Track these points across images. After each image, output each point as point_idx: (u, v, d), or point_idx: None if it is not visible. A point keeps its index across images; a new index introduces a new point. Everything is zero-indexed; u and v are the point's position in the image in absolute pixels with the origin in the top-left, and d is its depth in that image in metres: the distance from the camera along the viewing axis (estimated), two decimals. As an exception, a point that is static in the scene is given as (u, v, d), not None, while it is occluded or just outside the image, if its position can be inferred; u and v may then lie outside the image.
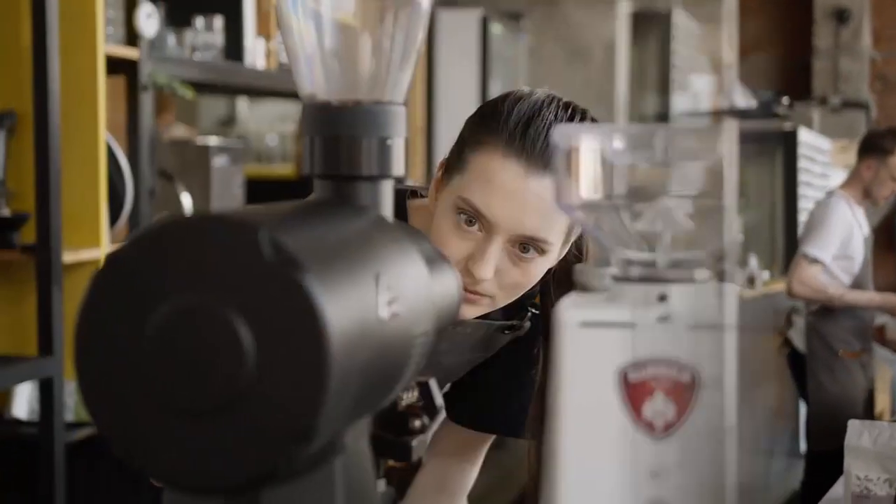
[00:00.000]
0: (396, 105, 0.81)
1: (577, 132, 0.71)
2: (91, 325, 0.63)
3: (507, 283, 1.26)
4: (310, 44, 0.81)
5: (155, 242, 0.62)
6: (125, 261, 0.63)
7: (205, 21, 2.99)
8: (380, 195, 0.81)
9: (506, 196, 1.21)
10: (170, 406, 0.61)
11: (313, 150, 0.80)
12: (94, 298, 0.63)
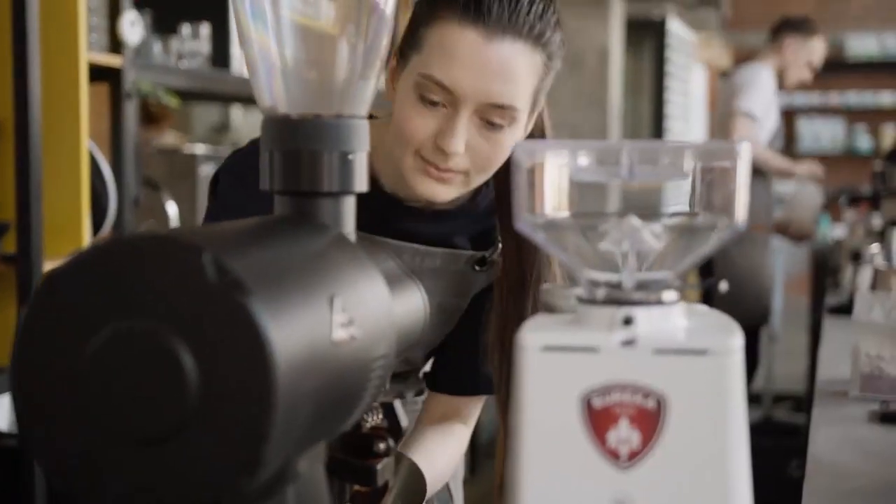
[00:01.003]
0: (359, 118, 0.79)
1: (540, 149, 0.69)
2: (29, 347, 0.60)
3: (479, 158, 1.23)
4: (269, 55, 0.78)
5: (97, 262, 0.60)
6: (66, 280, 0.60)
7: (191, 28, 2.97)
8: (342, 211, 0.78)
9: (467, 65, 1.19)
10: (110, 434, 0.59)
11: (273, 165, 0.77)
12: (33, 318, 0.60)
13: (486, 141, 1.23)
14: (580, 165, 0.68)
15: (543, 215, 0.69)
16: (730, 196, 0.67)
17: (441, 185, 1.24)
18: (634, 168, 0.67)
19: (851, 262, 3.15)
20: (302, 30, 0.79)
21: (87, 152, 2.47)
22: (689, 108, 8.18)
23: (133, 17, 2.62)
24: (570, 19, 5.42)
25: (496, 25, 1.18)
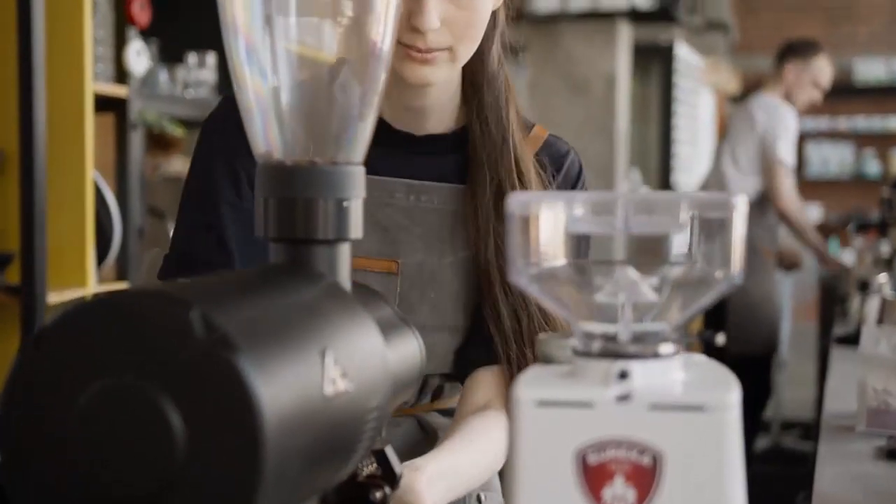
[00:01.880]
0: (354, 164, 0.79)
1: (535, 200, 0.68)
2: (17, 402, 0.60)
3: (457, 27, 1.19)
4: (264, 100, 0.78)
5: (85, 318, 0.59)
6: (54, 336, 0.59)
7: (197, 57, 2.97)
8: (337, 259, 0.77)
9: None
10: (97, 491, 0.58)
11: (267, 212, 0.77)
12: (21, 374, 0.60)
13: (459, 8, 1.19)
14: (575, 216, 0.67)
15: (538, 266, 0.68)
16: (726, 248, 0.66)
17: (428, 66, 1.20)
18: (630, 219, 0.67)
19: (859, 291, 3.13)
20: (297, 75, 0.78)
21: (92, 183, 2.47)
22: (696, 133, 8.17)
23: (139, 48, 2.62)
24: (577, 46, 5.43)
25: None
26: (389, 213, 1.27)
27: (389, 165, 1.28)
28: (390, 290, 1.25)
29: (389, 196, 1.27)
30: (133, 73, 2.62)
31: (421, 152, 1.30)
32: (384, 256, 1.27)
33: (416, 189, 1.28)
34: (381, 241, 1.27)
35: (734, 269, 0.67)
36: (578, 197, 0.68)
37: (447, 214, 1.29)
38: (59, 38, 2.44)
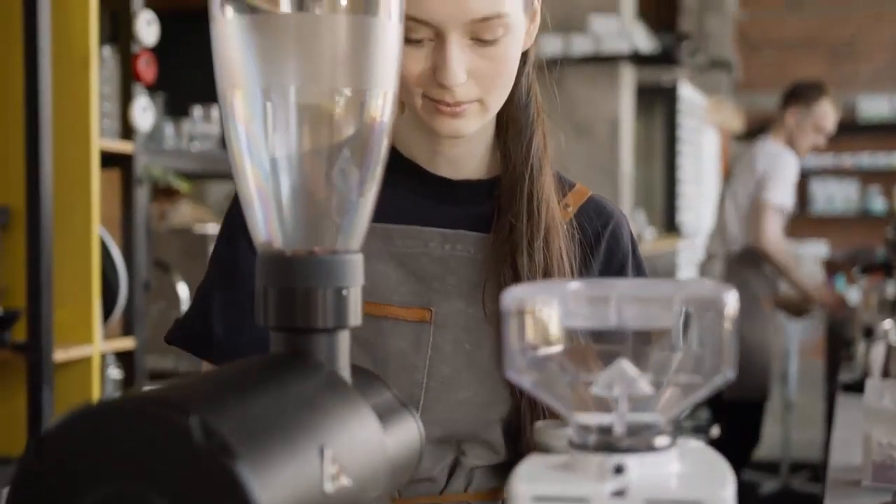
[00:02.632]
0: (353, 253, 0.79)
1: (529, 295, 0.69)
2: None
3: (485, 79, 1.15)
4: (264, 190, 0.79)
5: (86, 424, 0.60)
6: (54, 442, 0.60)
7: (203, 110, 3.00)
8: (336, 347, 0.78)
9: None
10: None
11: (267, 301, 0.78)
12: (22, 480, 0.60)
13: (485, 59, 1.15)
14: (569, 311, 0.68)
15: (532, 360, 0.69)
16: (719, 343, 0.67)
17: (458, 119, 1.17)
18: (623, 313, 0.68)
19: (864, 337, 3.13)
20: (297, 165, 0.79)
21: (98, 239, 2.49)
22: (701, 172, 8.20)
23: (145, 104, 2.65)
24: (580, 89, 5.46)
25: None
26: (424, 263, 1.24)
27: (424, 213, 1.25)
28: (423, 340, 1.21)
29: (424, 245, 1.24)
30: (139, 129, 2.64)
31: (457, 199, 1.27)
32: (417, 305, 1.22)
33: (451, 238, 1.24)
34: (414, 291, 1.23)
35: (726, 363, 0.67)
36: (572, 292, 0.69)
37: (483, 263, 1.24)
38: (66, 94, 2.47)
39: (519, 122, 1.25)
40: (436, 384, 1.20)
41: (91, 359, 2.49)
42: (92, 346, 2.48)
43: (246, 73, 0.77)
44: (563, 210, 1.26)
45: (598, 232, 1.28)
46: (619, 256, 1.29)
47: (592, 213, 1.29)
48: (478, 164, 1.28)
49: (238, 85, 0.78)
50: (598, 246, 1.28)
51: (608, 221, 1.29)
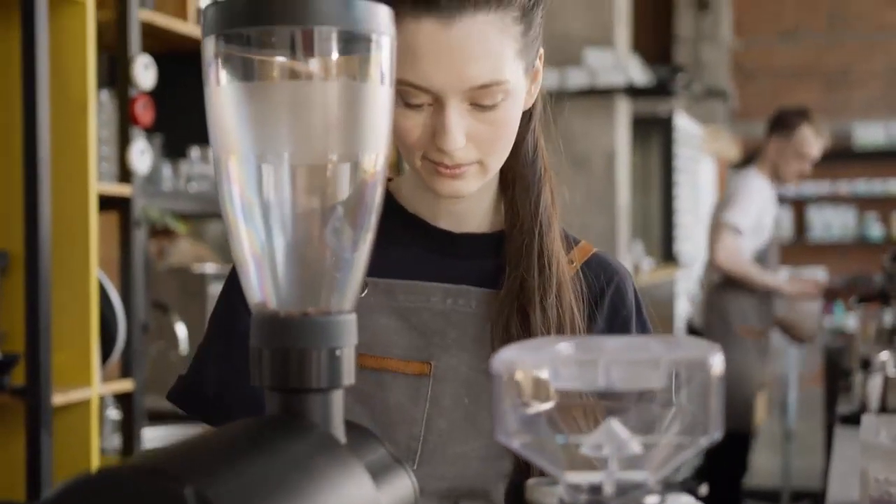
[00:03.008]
0: (346, 314, 0.81)
1: (519, 360, 0.70)
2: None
3: (484, 143, 1.16)
4: (258, 253, 0.80)
5: (83, 495, 0.61)
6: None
7: (200, 151, 3.02)
8: (330, 407, 0.79)
9: (432, 58, 1.11)
10: None
11: (262, 362, 0.79)
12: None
13: (485, 124, 1.16)
14: (558, 375, 0.69)
15: (522, 422, 0.70)
16: (706, 404, 0.68)
17: (458, 180, 1.18)
18: (611, 375, 0.69)
19: (861, 369, 3.14)
20: (291, 227, 0.81)
21: (97, 282, 2.50)
22: (698, 201, 8.22)
23: (142, 147, 2.67)
24: (576, 122, 5.49)
25: (449, 6, 1.12)
26: (425, 318, 1.24)
27: (428, 267, 1.26)
28: (422, 394, 1.22)
29: (426, 300, 1.24)
30: (137, 172, 2.66)
31: (460, 253, 1.27)
32: (417, 359, 1.23)
33: (454, 293, 1.24)
34: (415, 345, 1.23)
35: (713, 423, 0.68)
36: (562, 358, 0.70)
37: (485, 318, 1.24)
38: (65, 138, 2.49)
39: (526, 179, 1.26)
40: (433, 437, 1.21)
41: (90, 402, 2.50)
42: (90, 389, 2.49)
43: (240, 139, 0.79)
44: (567, 265, 1.26)
45: (602, 288, 1.28)
46: (623, 314, 1.29)
47: (597, 269, 1.29)
48: (481, 218, 1.28)
49: (232, 150, 0.79)
50: (602, 302, 1.28)
51: (612, 277, 1.29)
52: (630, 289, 1.31)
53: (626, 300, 1.30)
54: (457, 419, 1.22)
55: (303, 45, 0.78)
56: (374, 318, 1.23)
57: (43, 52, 2.38)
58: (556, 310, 1.22)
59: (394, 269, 1.24)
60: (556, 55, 5.39)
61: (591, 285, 1.28)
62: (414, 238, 1.27)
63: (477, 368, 1.23)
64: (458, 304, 1.24)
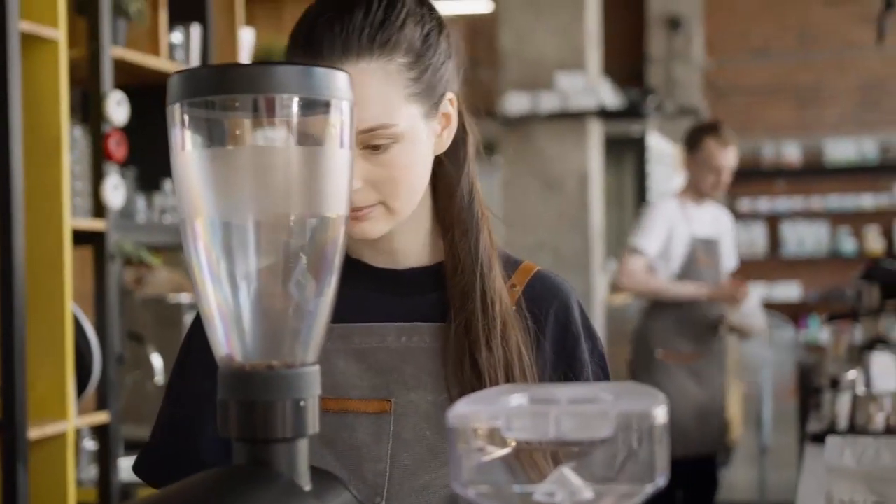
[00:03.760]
0: (309, 366, 0.84)
1: (472, 410, 0.73)
2: None
3: (382, 184, 1.18)
4: (223, 309, 0.84)
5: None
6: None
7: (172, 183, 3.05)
8: (295, 455, 0.82)
9: None
10: None
11: (229, 414, 0.82)
12: None
13: (380, 167, 1.18)
14: (511, 425, 0.73)
15: (477, 471, 0.73)
16: (651, 453, 0.72)
17: (364, 222, 1.21)
18: (562, 426, 0.72)
19: (830, 387, 3.18)
20: (256, 285, 0.84)
21: (72, 316, 2.52)
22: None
23: (116, 182, 2.70)
24: (549, 144, 5.55)
25: (332, 56, 1.15)
26: (381, 357, 1.26)
27: (378, 307, 1.28)
28: (384, 431, 1.24)
29: (381, 340, 1.27)
30: (111, 207, 2.69)
31: (406, 290, 1.30)
32: (377, 398, 1.25)
33: (407, 331, 1.27)
34: (373, 384, 1.26)
35: (658, 471, 0.72)
36: (513, 407, 0.73)
37: (440, 352, 1.26)
38: (38, 174, 2.51)
39: (464, 223, 1.28)
40: (398, 472, 1.24)
41: (66, 434, 2.52)
42: (66, 423, 2.51)
43: (205, 201, 0.82)
44: (510, 290, 1.29)
45: (546, 307, 1.30)
46: (572, 331, 1.31)
47: (541, 290, 1.31)
48: (418, 254, 1.31)
49: (198, 213, 0.82)
50: (547, 321, 1.30)
51: (556, 295, 1.31)
52: (575, 305, 1.32)
53: (573, 317, 1.31)
54: (420, 452, 1.25)
55: (265, 111, 0.81)
56: (332, 362, 1.26)
57: (16, 89, 2.40)
58: (501, 349, 1.24)
59: (346, 314, 1.27)
60: (527, 79, 5.45)
61: (535, 306, 1.29)
62: (359, 280, 1.30)
63: (435, 402, 1.25)
64: (413, 340, 1.27)
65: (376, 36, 1.15)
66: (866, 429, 2.78)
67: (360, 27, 1.15)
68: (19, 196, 2.41)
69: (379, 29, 1.16)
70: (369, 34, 1.15)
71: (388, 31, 1.16)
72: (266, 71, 0.81)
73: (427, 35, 1.20)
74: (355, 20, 1.15)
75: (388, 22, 1.16)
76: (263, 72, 0.81)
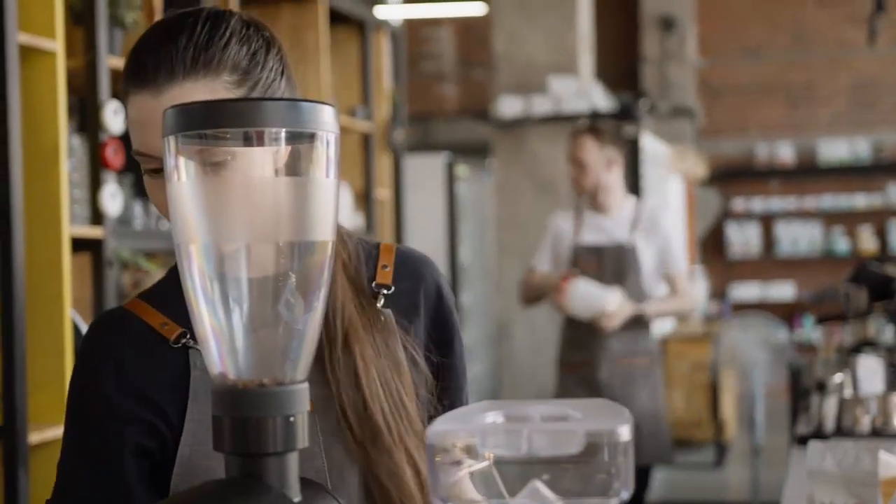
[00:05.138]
0: (299, 383, 0.89)
1: (450, 428, 0.78)
2: None
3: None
4: (217, 330, 0.88)
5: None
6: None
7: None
8: (286, 468, 0.87)
9: (148, 124, 1.17)
10: None
11: (222, 429, 0.87)
12: None
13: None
14: (487, 442, 0.78)
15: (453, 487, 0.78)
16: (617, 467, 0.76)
17: None
18: (534, 443, 0.77)
19: (817, 390, 3.23)
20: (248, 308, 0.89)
21: (70, 323, 2.57)
22: (666, 220, 8.31)
23: (113, 190, 2.74)
24: (542, 147, 5.59)
25: (159, 79, 1.18)
26: None
27: None
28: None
29: None
30: (108, 215, 2.73)
31: None
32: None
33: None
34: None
35: (622, 484, 0.77)
36: (489, 425, 0.78)
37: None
38: (37, 183, 2.55)
39: None
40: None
41: (63, 439, 2.56)
42: (65, 427, 2.54)
43: (199, 228, 0.87)
44: (381, 271, 1.33)
45: (418, 279, 1.36)
46: (446, 300, 1.37)
47: (410, 265, 1.36)
48: None
49: (192, 239, 0.87)
50: (420, 292, 1.35)
51: (427, 266, 1.37)
52: (440, 275, 1.38)
53: (443, 286, 1.37)
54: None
55: (255, 144, 0.86)
56: None
57: (15, 100, 2.45)
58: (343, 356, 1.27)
59: None
60: (520, 83, 5.50)
61: (408, 281, 1.35)
62: None
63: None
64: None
65: (200, 56, 1.19)
66: (853, 431, 2.82)
67: (183, 49, 1.19)
68: (19, 204, 2.45)
69: (203, 49, 1.19)
70: (193, 55, 1.19)
71: (212, 51, 1.19)
72: (255, 106, 0.85)
73: (254, 53, 1.22)
74: (179, 43, 1.19)
75: (211, 42, 1.20)
76: (253, 107, 0.85)
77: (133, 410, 1.23)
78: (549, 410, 0.82)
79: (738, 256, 10.21)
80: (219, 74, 1.20)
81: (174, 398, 1.23)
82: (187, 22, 1.20)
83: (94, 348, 1.28)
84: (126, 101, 1.21)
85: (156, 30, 1.22)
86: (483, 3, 6.44)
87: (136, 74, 1.20)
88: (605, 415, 0.80)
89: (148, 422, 1.23)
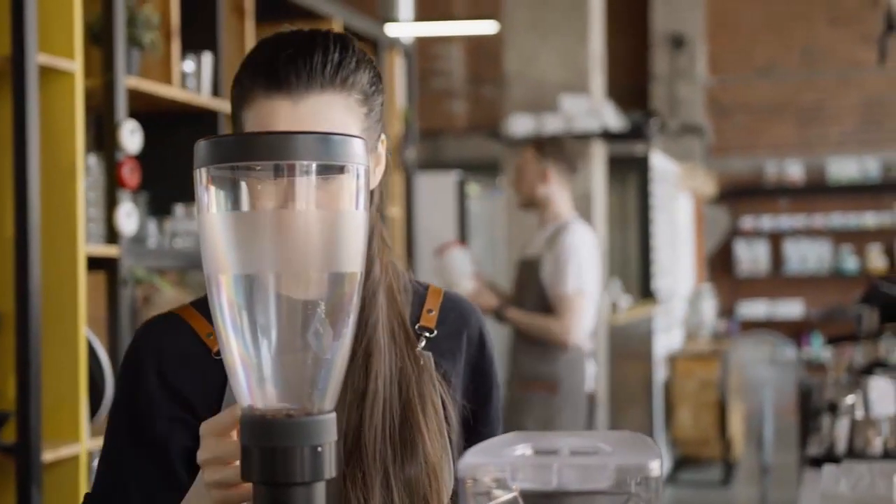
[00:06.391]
0: (326, 414, 0.89)
1: (480, 461, 0.79)
2: None
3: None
4: (247, 363, 0.89)
5: None
6: None
7: (185, 209, 3.11)
8: (313, 498, 0.88)
9: (282, 128, 1.19)
10: None
11: (251, 459, 0.87)
12: None
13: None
14: (516, 476, 0.78)
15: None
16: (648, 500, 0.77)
17: None
18: (563, 477, 0.78)
19: (829, 412, 3.22)
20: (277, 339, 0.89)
21: (85, 340, 2.58)
22: (676, 237, 8.33)
23: (129, 209, 2.75)
24: (553, 165, 5.58)
25: (297, 85, 1.20)
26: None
27: None
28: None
29: None
30: (123, 234, 2.74)
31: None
32: None
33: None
34: None
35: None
36: (518, 458, 0.79)
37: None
38: (54, 202, 2.57)
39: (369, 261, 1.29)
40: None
41: (79, 457, 2.57)
42: (79, 445, 2.56)
43: (229, 259, 0.88)
44: (426, 315, 1.35)
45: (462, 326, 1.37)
46: (487, 350, 1.39)
47: (455, 311, 1.38)
48: None
49: (223, 269, 0.88)
50: (462, 339, 1.37)
51: (472, 314, 1.39)
52: (484, 324, 1.40)
53: (486, 337, 1.39)
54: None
55: (286, 176, 0.87)
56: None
57: (33, 120, 2.46)
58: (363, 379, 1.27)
59: None
60: (532, 101, 5.50)
61: (452, 327, 1.36)
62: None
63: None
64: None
65: (337, 72, 1.22)
66: (864, 453, 2.82)
67: (322, 63, 1.22)
68: (36, 223, 2.47)
69: (338, 67, 1.23)
70: (331, 70, 1.22)
71: (346, 69, 1.23)
72: (286, 139, 0.86)
73: (373, 79, 1.27)
74: (315, 57, 1.22)
75: (344, 62, 1.23)
76: (284, 140, 0.86)
77: (177, 413, 1.25)
78: (577, 443, 0.82)
79: (746, 274, 10.20)
80: (350, 93, 1.24)
81: (209, 408, 1.23)
82: (317, 39, 1.24)
83: (140, 349, 1.30)
84: (254, 105, 1.22)
85: (286, 40, 1.24)
86: (495, 21, 6.46)
87: (269, 79, 1.21)
88: (635, 449, 0.80)
89: (192, 425, 1.23)
